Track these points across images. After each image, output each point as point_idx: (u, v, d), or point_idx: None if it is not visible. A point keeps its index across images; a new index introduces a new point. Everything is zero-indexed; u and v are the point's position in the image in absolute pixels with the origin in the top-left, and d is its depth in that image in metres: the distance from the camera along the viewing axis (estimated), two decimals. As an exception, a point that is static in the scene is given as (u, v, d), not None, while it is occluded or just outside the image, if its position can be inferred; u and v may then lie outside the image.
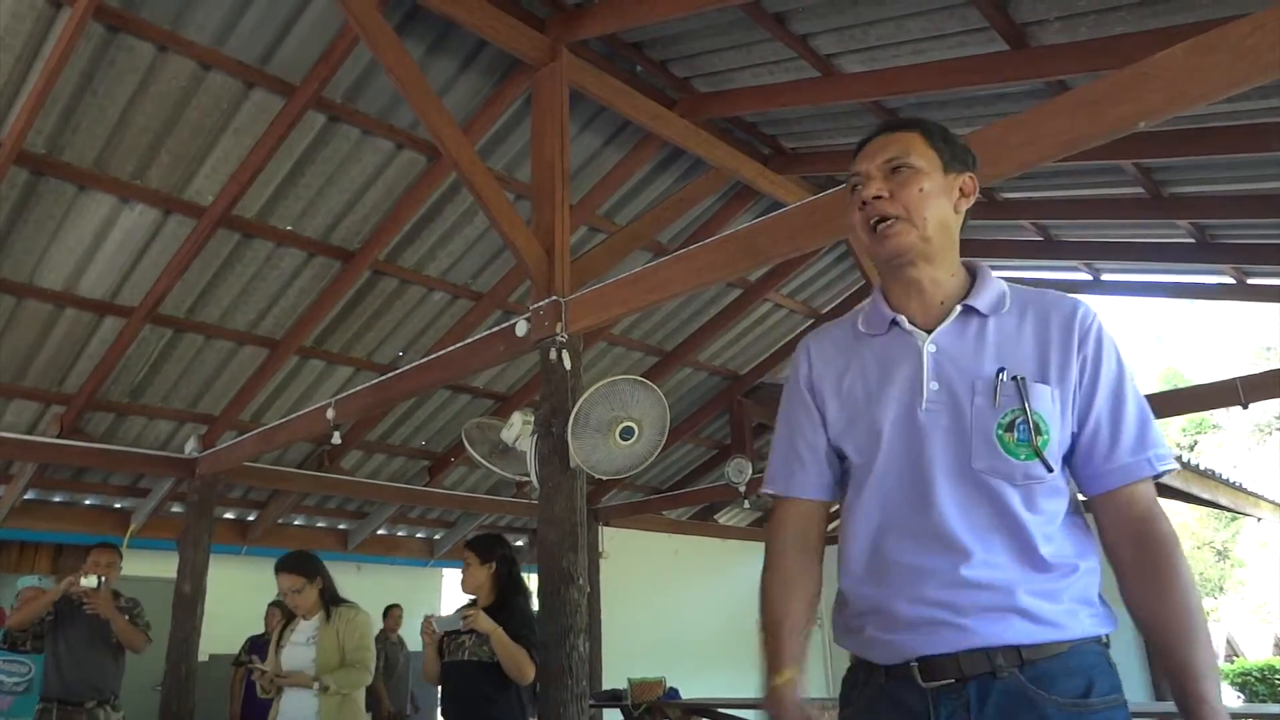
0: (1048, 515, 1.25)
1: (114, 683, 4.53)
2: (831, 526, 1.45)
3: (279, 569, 3.66)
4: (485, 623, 3.20)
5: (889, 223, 1.32)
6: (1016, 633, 1.20)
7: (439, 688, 3.46)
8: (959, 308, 1.32)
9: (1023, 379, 1.26)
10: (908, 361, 1.33)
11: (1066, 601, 1.22)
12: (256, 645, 6.48)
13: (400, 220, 5.18)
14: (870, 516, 1.34)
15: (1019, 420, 1.24)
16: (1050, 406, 1.25)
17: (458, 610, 3.33)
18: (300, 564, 3.69)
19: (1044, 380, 1.26)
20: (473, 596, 3.49)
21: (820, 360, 1.46)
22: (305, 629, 3.66)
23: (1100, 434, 1.26)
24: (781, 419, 1.50)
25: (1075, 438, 1.28)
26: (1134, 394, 1.28)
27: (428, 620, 3.45)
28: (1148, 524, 1.24)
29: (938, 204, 1.32)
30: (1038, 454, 1.23)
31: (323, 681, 3.45)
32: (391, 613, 7.67)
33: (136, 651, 4.55)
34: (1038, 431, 1.23)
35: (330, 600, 3.70)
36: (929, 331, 1.34)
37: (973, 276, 1.39)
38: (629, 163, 5.37)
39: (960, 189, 1.36)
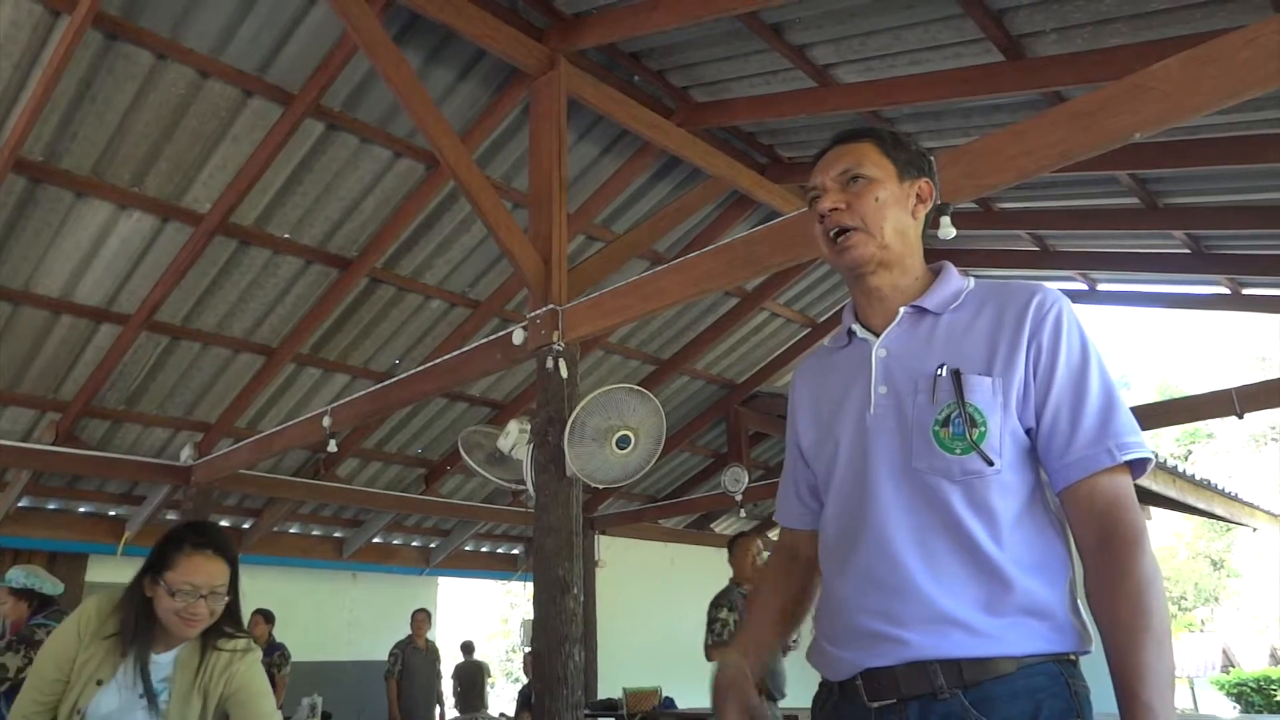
0: (997, 515, 1.18)
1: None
2: None
3: (209, 548, 1.89)
4: None
5: (847, 234, 1.32)
6: (954, 646, 1.14)
7: None
8: (904, 309, 1.32)
9: (957, 372, 1.21)
10: (864, 369, 1.32)
11: (1011, 612, 1.14)
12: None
13: (398, 228, 5.18)
14: (829, 528, 1.33)
15: (954, 414, 1.19)
16: (990, 398, 1.19)
17: None
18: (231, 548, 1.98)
19: (987, 372, 1.21)
20: None
21: (802, 388, 1.46)
22: (161, 664, 1.91)
23: (1059, 425, 1.18)
24: (786, 448, 1.54)
25: (1036, 431, 1.21)
26: (1099, 382, 1.19)
27: None
28: (1110, 518, 1.14)
29: (894, 212, 1.32)
30: (974, 447, 1.18)
31: None
32: (417, 617, 7.54)
33: None
34: (973, 424, 1.18)
35: (219, 628, 1.94)
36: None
37: (936, 278, 1.37)
38: (626, 172, 5.38)
39: (916, 194, 1.35)
